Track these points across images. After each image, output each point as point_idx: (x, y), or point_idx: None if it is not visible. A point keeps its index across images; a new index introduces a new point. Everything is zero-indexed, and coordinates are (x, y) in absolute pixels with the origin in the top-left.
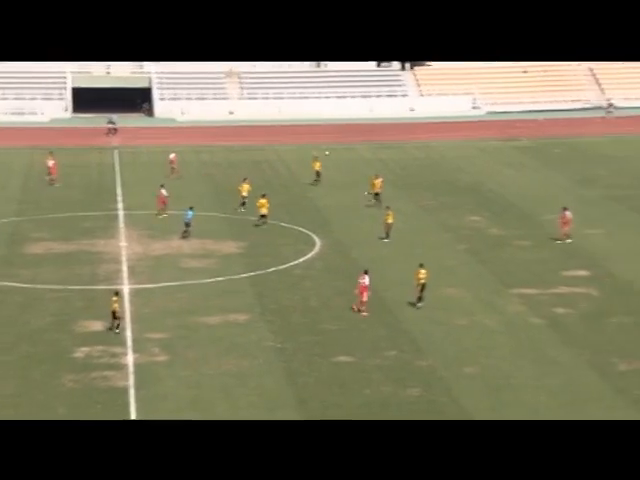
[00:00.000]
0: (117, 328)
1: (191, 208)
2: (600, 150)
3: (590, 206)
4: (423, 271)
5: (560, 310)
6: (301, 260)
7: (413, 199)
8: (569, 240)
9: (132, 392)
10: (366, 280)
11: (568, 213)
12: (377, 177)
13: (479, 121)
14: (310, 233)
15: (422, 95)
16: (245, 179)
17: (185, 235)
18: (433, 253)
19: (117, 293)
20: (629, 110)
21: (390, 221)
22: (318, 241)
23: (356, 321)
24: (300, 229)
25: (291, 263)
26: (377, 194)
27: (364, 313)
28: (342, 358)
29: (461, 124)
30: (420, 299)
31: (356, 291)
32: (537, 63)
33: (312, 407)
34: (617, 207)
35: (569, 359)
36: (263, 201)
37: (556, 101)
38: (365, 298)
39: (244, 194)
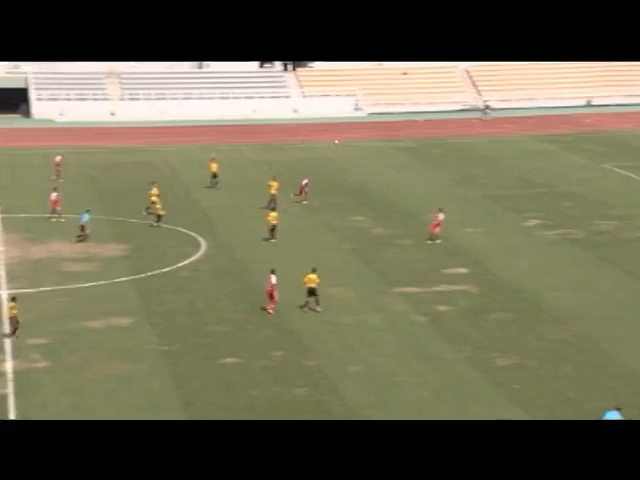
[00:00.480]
0: (14, 333)
1: (87, 211)
2: (478, 150)
3: (469, 205)
4: (312, 276)
5: (442, 307)
6: (186, 262)
7: (299, 200)
8: (439, 241)
9: (11, 399)
10: (273, 279)
11: (441, 215)
12: (274, 179)
13: (362, 122)
14: (195, 235)
15: (305, 96)
16: (154, 182)
17: (81, 239)
18: (318, 253)
19: (14, 298)
20: (505, 111)
21: (273, 222)
22: (204, 243)
23: (242, 322)
24: (185, 231)
25: (176, 265)
26: (273, 195)
27: (270, 310)
28: (229, 360)
29: (344, 125)
30: (317, 302)
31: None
32: (417, 65)
33: (198, 409)
34: (495, 206)
35: (451, 355)
36: (155, 199)
37: (435, 102)
38: (276, 297)
39: (154, 198)
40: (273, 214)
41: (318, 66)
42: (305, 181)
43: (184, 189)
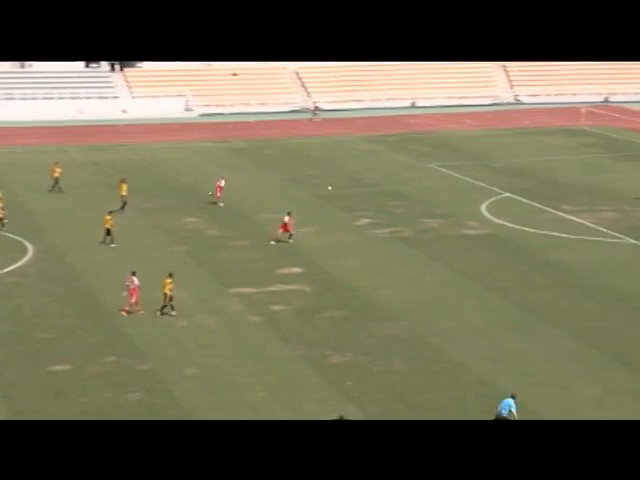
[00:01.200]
0: None
1: None
2: (309, 151)
3: (301, 205)
4: (168, 280)
5: (276, 307)
6: (12, 268)
7: (130, 202)
8: (291, 240)
9: None
10: (135, 281)
11: (287, 218)
12: (123, 181)
13: (192, 123)
14: (21, 239)
15: (134, 97)
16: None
17: None
18: (152, 255)
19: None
20: (334, 113)
21: (108, 225)
22: (31, 247)
23: (73, 328)
24: (11, 236)
25: (1, 271)
26: (124, 197)
27: (141, 312)
28: (58, 367)
29: (175, 126)
30: (172, 307)
31: (124, 293)
32: (246, 65)
33: (26, 418)
34: (326, 206)
35: (286, 354)
36: None
37: (266, 103)
38: (134, 299)
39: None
40: (108, 217)
41: (146, 66)
42: (222, 182)
43: (9, 192)
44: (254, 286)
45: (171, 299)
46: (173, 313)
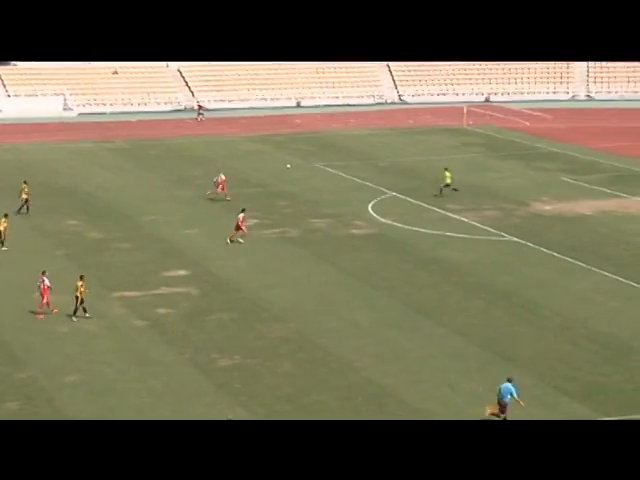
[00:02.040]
0: None
1: None
2: (193, 151)
3: (187, 206)
4: (80, 283)
5: (162, 311)
6: None
7: (4, 204)
8: (241, 240)
9: None
10: (46, 281)
11: (241, 216)
12: (25, 183)
13: (71, 122)
14: None
15: (9, 96)
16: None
17: None
18: (32, 259)
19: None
20: (218, 112)
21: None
22: None
23: None
24: None
25: None
26: (26, 200)
27: (55, 310)
28: None
29: (53, 125)
30: (85, 310)
31: (36, 294)
32: (127, 64)
33: None
34: (212, 207)
35: (172, 359)
36: None
37: (148, 102)
38: (45, 300)
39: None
40: (2, 219)
41: (22, 64)
42: (223, 177)
43: None
44: (139, 289)
45: (82, 301)
46: (87, 315)
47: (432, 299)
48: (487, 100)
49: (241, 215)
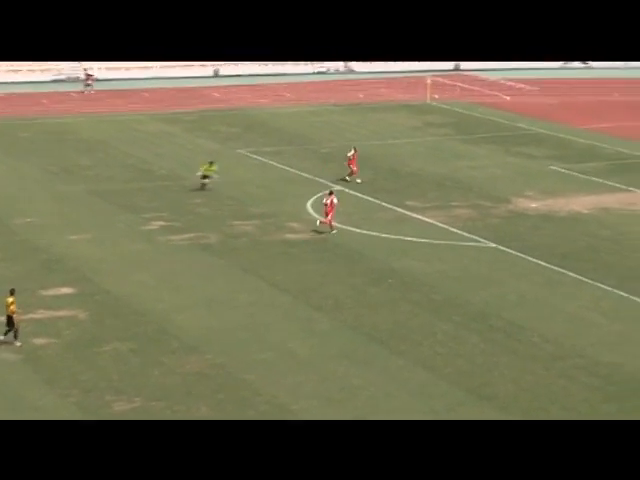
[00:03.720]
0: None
1: None
2: (80, 134)
3: (72, 205)
4: (10, 299)
5: (40, 341)
6: None
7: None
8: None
9: None
10: None
11: (331, 199)
12: None
13: None
14: None
15: None
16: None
17: None
18: None
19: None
20: (113, 83)
21: None
22: None
23: None
24: None
25: None
26: None
27: None
28: None
29: None
30: (15, 335)
31: None
32: None
33: None
34: (105, 205)
35: (52, 403)
36: None
37: (20, 70)
38: None
39: None
40: None
41: None
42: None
43: None
44: None
45: (12, 323)
46: (17, 344)
47: (388, 322)
48: (456, 68)
49: (332, 198)
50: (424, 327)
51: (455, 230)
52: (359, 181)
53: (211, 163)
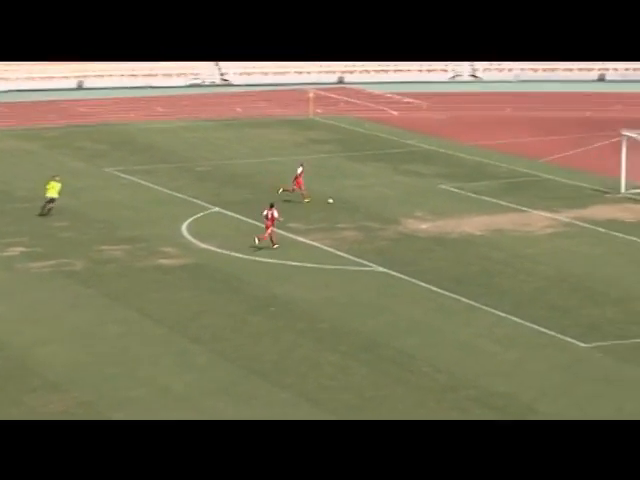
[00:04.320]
0: None
1: None
2: None
3: None
4: None
5: None
6: None
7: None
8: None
9: None
10: None
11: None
12: None
13: None
14: None
15: None
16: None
17: None
18: None
19: None
20: None
21: None
22: None
23: None
24: None
25: None
26: None
27: None
28: None
29: None
30: None
31: None
32: None
33: None
34: None
35: None
36: None
37: None
38: None
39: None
40: None
41: None
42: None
43: None
44: None
45: None
46: None
47: (272, 353)
48: (340, 81)
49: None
50: (309, 358)
51: (341, 254)
52: (330, 201)
53: (54, 180)
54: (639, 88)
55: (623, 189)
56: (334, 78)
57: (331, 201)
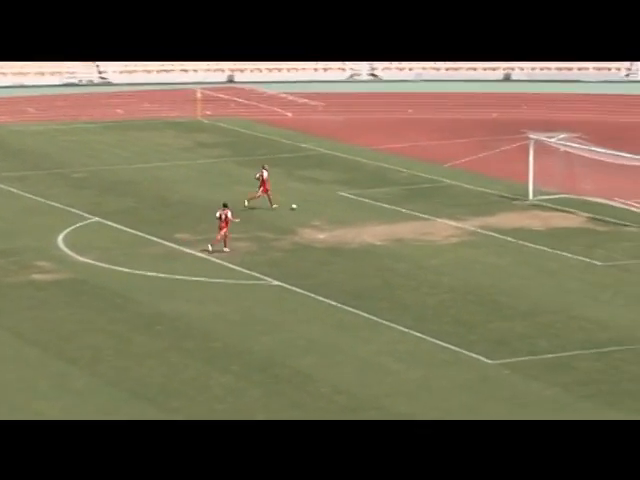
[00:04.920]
0: None
1: None
2: None
3: None
4: None
5: None
6: None
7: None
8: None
9: None
10: None
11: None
12: None
13: None
14: None
15: None
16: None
17: None
18: None
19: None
20: None
21: None
22: None
23: None
24: None
25: None
26: None
27: None
28: None
29: None
30: None
31: None
32: None
33: None
34: None
35: None
36: None
37: None
38: None
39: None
40: None
41: None
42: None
43: None
44: None
45: None
46: None
47: (158, 375)
48: (230, 80)
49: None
50: (199, 380)
51: (233, 266)
52: (275, 206)
53: None
54: (546, 88)
55: (531, 196)
56: (223, 77)
57: (295, 207)
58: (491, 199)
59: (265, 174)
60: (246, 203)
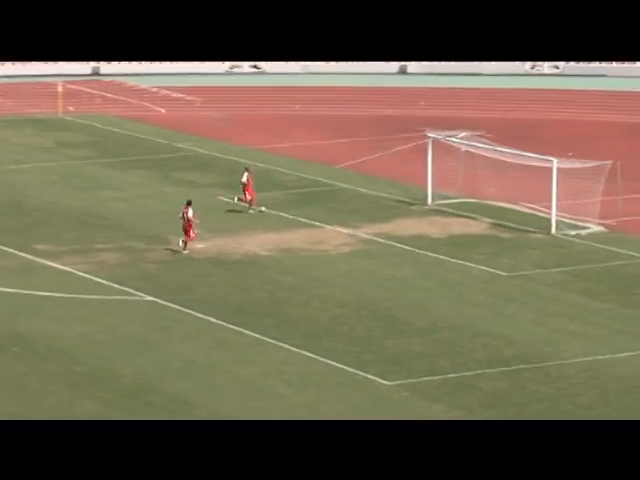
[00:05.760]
0: None
1: None
2: None
3: None
4: None
5: None
6: None
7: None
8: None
9: None
10: None
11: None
12: None
13: None
14: None
15: None
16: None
17: None
18: None
19: None
20: None
21: None
22: None
23: None
24: None
25: None
26: None
27: None
28: None
29: None
30: None
31: None
32: None
33: None
34: None
35: None
36: None
37: None
38: None
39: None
40: None
41: None
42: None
43: None
44: None
45: None
46: None
47: (15, 404)
48: (96, 72)
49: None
50: (61, 409)
51: (101, 280)
52: (263, 209)
53: None
54: (444, 82)
55: (430, 200)
56: (88, 69)
57: (264, 209)
58: (387, 204)
59: (245, 176)
60: (251, 211)
